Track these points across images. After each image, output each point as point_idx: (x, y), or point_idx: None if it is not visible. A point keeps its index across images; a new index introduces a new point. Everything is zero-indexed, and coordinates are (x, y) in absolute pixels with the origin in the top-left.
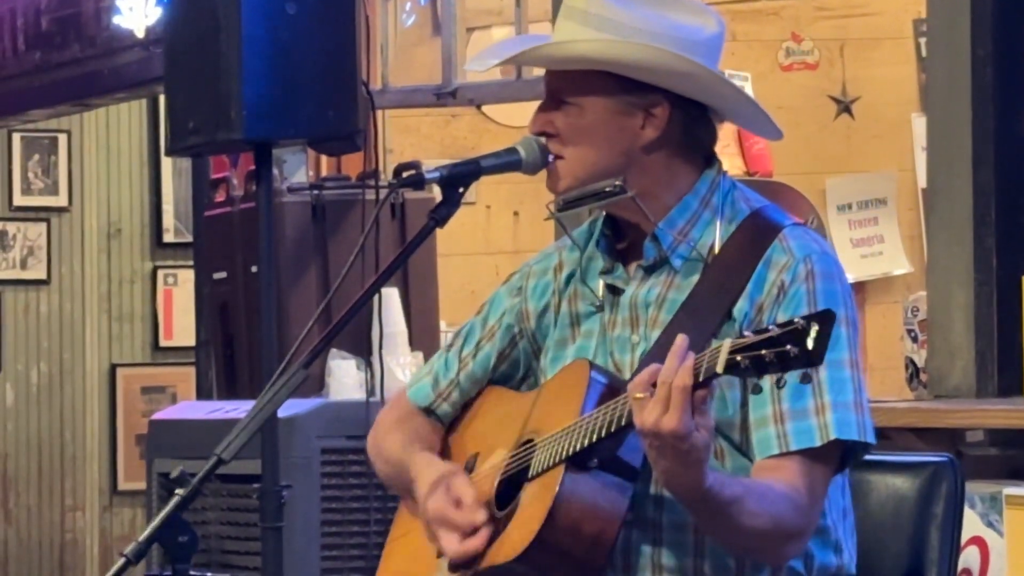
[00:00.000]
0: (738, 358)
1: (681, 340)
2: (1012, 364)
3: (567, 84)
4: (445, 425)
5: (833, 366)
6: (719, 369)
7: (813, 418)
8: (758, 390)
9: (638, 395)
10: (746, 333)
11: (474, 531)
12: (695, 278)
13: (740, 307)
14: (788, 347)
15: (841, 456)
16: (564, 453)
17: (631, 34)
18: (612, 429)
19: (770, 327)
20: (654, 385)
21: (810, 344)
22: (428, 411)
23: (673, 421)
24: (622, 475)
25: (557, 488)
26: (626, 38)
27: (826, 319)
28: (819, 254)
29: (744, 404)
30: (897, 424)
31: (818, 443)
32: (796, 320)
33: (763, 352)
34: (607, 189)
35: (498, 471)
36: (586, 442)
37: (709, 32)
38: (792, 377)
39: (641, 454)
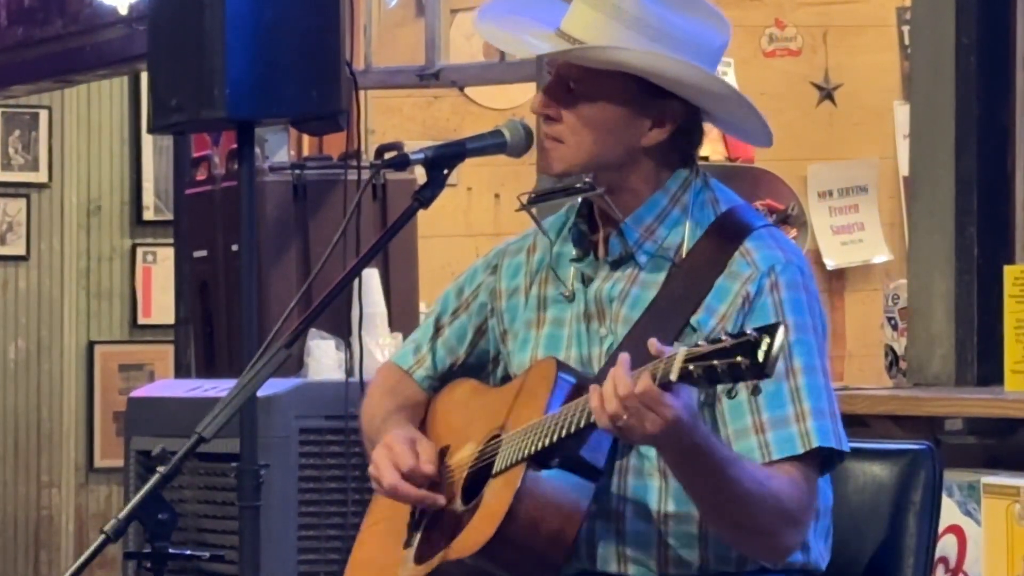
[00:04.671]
0: (691, 367)
1: (624, 358)
2: (992, 353)
3: (585, 75)
4: (428, 392)
5: (809, 372)
6: (673, 377)
7: (794, 425)
8: (710, 399)
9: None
10: (700, 343)
11: (415, 478)
12: (660, 276)
13: (699, 318)
14: (739, 359)
15: (823, 462)
16: (527, 451)
17: (660, 38)
18: (573, 429)
19: (723, 337)
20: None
21: (760, 356)
22: (408, 375)
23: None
24: (584, 475)
25: (518, 486)
26: (653, 41)
27: (776, 332)
28: (783, 264)
29: (701, 408)
30: (876, 412)
31: (800, 451)
32: (748, 332)
33: (715, 363)
34: (577, 185)
35: (466, 465)
36: (548, 441)
37: (720, 40)
38: (741, 391)
39: (604, 455)
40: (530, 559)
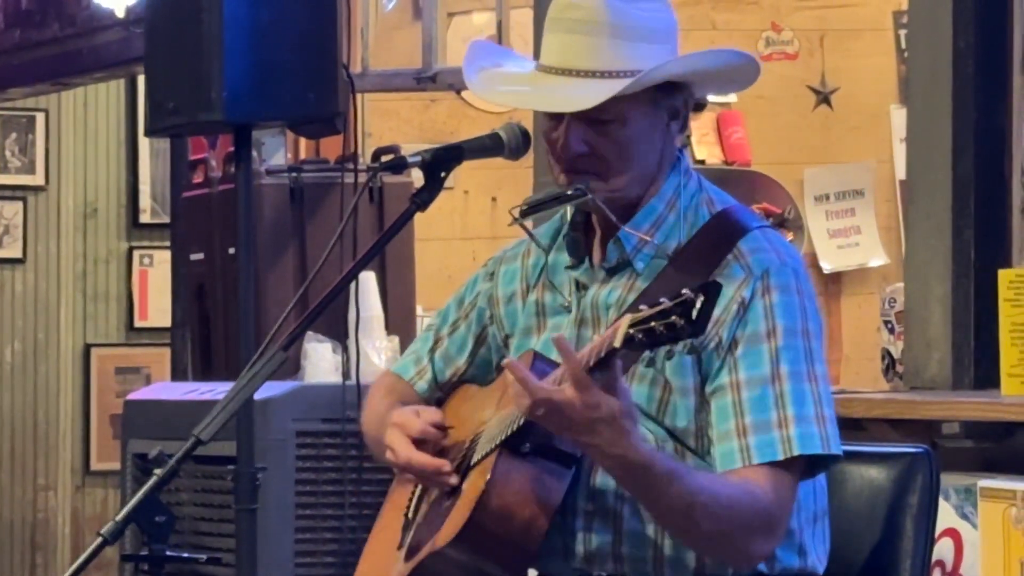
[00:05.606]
0: (632, 331)
1: (561, 341)
2: (988, 357)
3: (614, 101)
4: (429, 403)
5: (795, 378)
6: (617, 343)
7: (776, 431)
8: (652, 363)
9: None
10: (641, 307)
11: (425, 444)
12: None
13: None
14: (674, 318)
15: (810, 465)
16: (499, 439)
17: (657, 36)
18: None
19: (662, 300)
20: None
21: (694, 315)
22: (409, 385)
23: (577, 399)
24: (559, 461)
25: (489, 474)
26: (642, 40)
27: (711, 291)
28: (777, 266)
29: (699, 412)
30: (872, 415)
31: (780, 457)
32: (684, 292)
33: (653, 324)
34: (569, 193)
35: (454, 462)
36: (516, 427)
37: (674, 16)
38: (728, 393)
39: None
40: (504, 546)
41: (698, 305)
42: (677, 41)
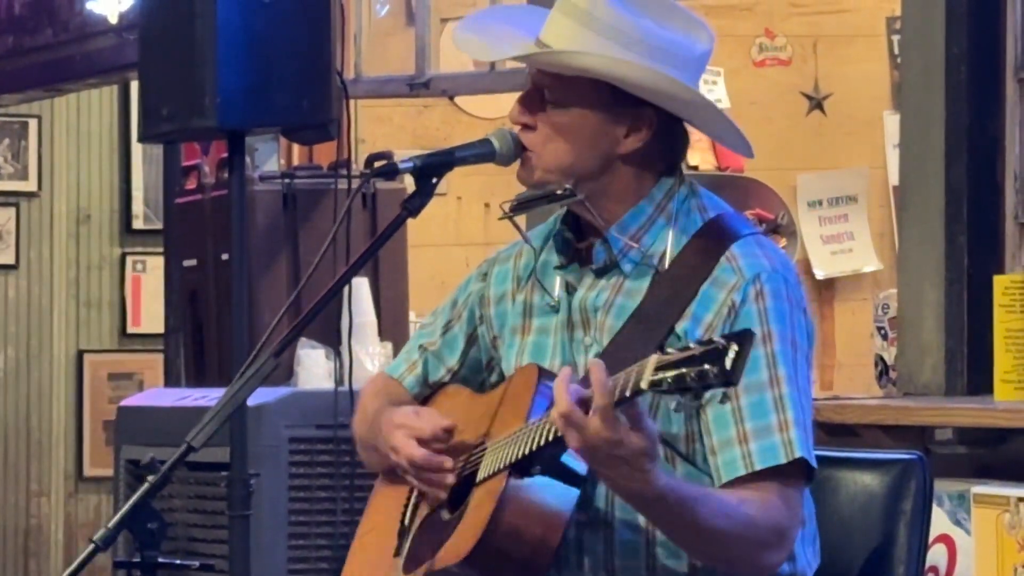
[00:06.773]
0: (659, 376)
1: (597, 369)
2: (982, 363)
3: (557, 83)
4: (417, 399)
5: (791, 383)
6: (644, 386)
7: (777, 434)
8: (680, 408)
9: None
10: (669, 350)
11: (430, 440)
12: (645, 284)
13: (684, 326)
14: (706, 366)
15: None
16: (508, 459)
17: (632, 45)
18: (552, 437)
19: (692, 345)
20: (579, 402)
21: (728, 364)
22: (397, 381)
23: (603, 433)
24: (567, 480)
25: (499, 494)
26: (626, 48)
27: (744, 340)
28: (769, 272)
29: (689, 417)
30: (866, 421)
31: (783, 460)
32: (716, 340)
33: (684, 371)
34: (558, 192)
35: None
36: (528, 449)
37: (701, 48)
38: (712, 396)
39: None
40: (514, 566)
41: (731, 355)
42: (675, 62)
